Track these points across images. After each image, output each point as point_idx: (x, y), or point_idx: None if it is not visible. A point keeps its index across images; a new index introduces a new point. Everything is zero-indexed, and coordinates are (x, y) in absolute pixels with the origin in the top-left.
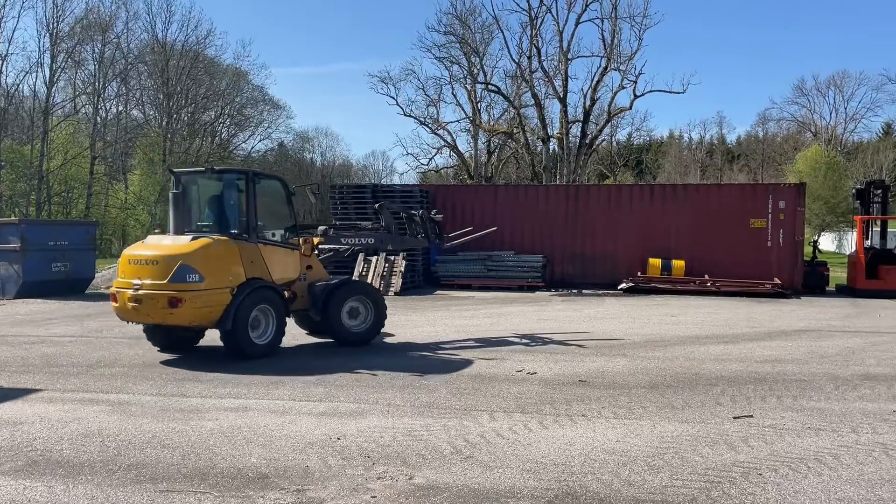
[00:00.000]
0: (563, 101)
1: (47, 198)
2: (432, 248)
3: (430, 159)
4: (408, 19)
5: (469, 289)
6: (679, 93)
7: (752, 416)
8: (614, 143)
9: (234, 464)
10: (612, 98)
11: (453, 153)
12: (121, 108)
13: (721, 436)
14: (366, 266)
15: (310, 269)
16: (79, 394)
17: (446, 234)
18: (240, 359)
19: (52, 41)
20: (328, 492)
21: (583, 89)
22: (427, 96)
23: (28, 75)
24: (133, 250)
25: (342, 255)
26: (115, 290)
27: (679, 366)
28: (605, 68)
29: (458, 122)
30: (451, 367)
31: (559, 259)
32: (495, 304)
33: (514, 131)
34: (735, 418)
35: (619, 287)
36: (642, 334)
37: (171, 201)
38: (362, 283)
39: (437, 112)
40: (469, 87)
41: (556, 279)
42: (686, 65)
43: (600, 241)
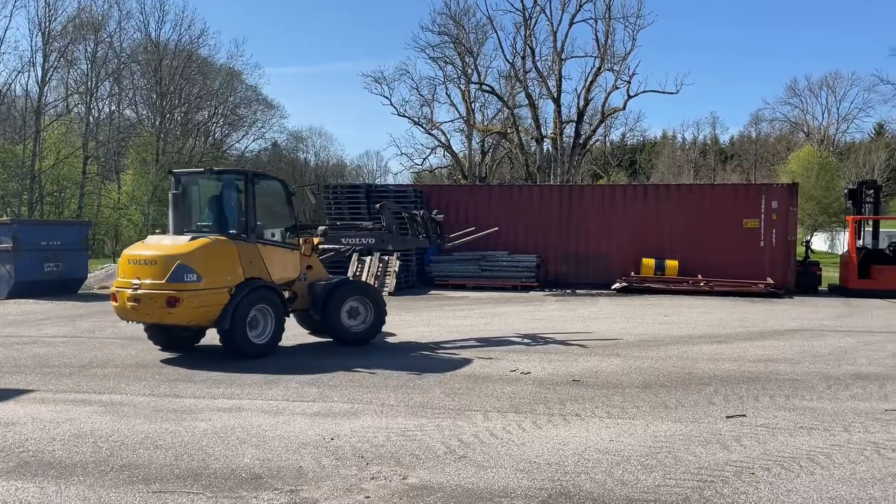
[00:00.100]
0: (556, 101)
1: (39, 198)
2: (433, 248)
3: (425, 159)
4: (402, 19)
5: (463, 289)
6: (672, 93)
7: (744, 416)
8: (608, 144)
9: (227, 464)
10: (606, 98)
11: (447, 153)
12: (113, 108)
13: (714, 435)
14: (360, 266)
15: (310, 269)
16: (71, 394)
17: (447, 235)
18: (238, 358)
19: (44, 40)
20: (322, 492)
21: (576, 89)
22: (421, 96)
23: (20, 74)
24: (133, 250)
25: (342, 255)
26: (115, 289)
27: (672, 365)
28: (599, 68)
29: (452, 122)
30: (446, 366)
31: (553, 259)
32: (489, 304)
33: (508, 131)
34: (728, 418)
35: (613, 287)
36: (636, 334)
37: (171, 202)
38: (362, 283)
39: (431, 112)
40: (463, 87)
41: (549, 279)
42: (679, 65)
43: (594, 241)
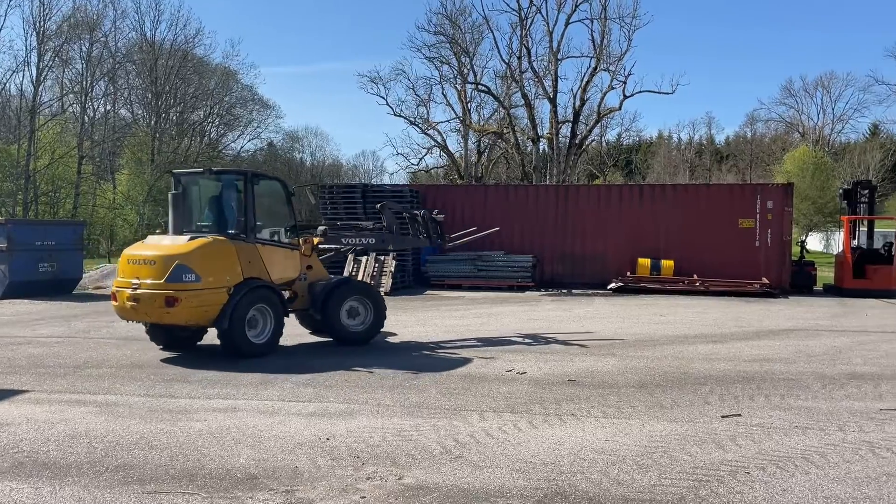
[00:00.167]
0: (552, 101)
1: (34, 197)
2: (429, 248)
3: (421, 159)
4: (398, 19)
5: (459, 289)
6: (668, 93)
7: (740, 415)
8: (604, 144)
9: (222, 465)
10: (602, 98)
11: (443, 153)
12: (109, 108)
13: (709, 435)
14: (356, 266)
15: (310, 269)
16: (66, 395)
17: (448, 235)
18: (237, 357)
19: (38, 40)
20: (317, 492)
21: (572, 90)
22: (417, 96)
23: (15, 74)
24: (133, 250)
25: (342, 255)
26: (115, 289)
27: (668, 365)
28: (595, 69)
29: (448, 122)
30: (442, 366)
31: (549, 259)
32: (485, 304)
33: (504, 131)
34: (723, 417)
35: (609, 287)
36: (631, 334)
37: (171, 202)
38: (362, 282)
39: (427, 112)
40: (459, 87)
41: (545, 279)
42: (675, 65)
43: (590, 241)
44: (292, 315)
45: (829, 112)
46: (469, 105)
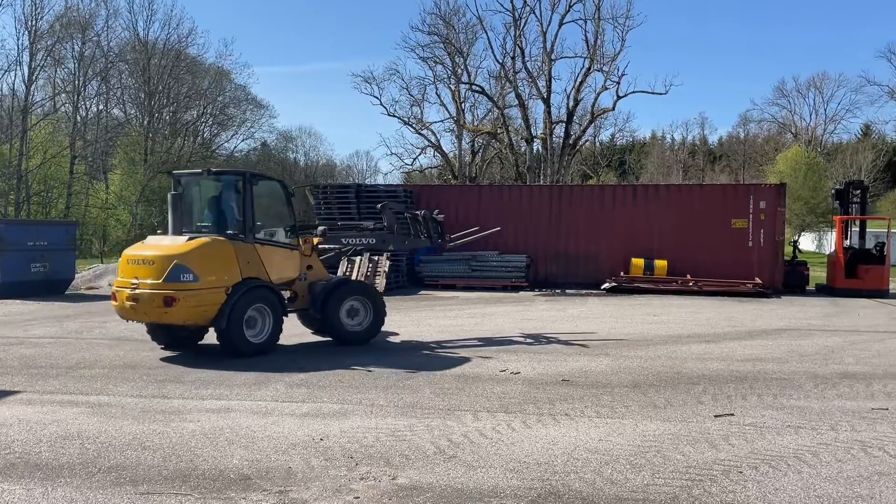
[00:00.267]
0: (546, 101)
1: (26, 197)
2: (435, 248)
3: (414, 159)
4: (391, 19)
5: (453, 289)
6: (661, 94)
7: (732, 415)
8: (597, 144)
9: (215, 465)
10: (596, 99)
11: (437, 153)
12: (101, 107)
13: (702, 434)
14: (349, 266)
15: (310, 269)
16: (58, 395)
17: (448, 235)
18: (236, 357)
19: (30, 39)
20: (311, 493)
21: (566, 90)
22: (411, 96)
23: (6, 73)
24: (132, 250)
25: (345, 255)
26: (115, 289)
27: (661, 365)
28: (589, 69)
29: (442, 122)
30: (435, 366)
31: (543, 259)
32: (479, 304)
33: (498, 131)
34: (716, 417)
35: (602, 287)
36: (625, 334)
37: (170, 203)
38: (361, 282)
39: (421, 112)
40: (453, 87)
41: (539, 279)
42: (668, 65)
43: (583, 241)
44: (294, 315)
45: (822, 112)
46: (463, 105)
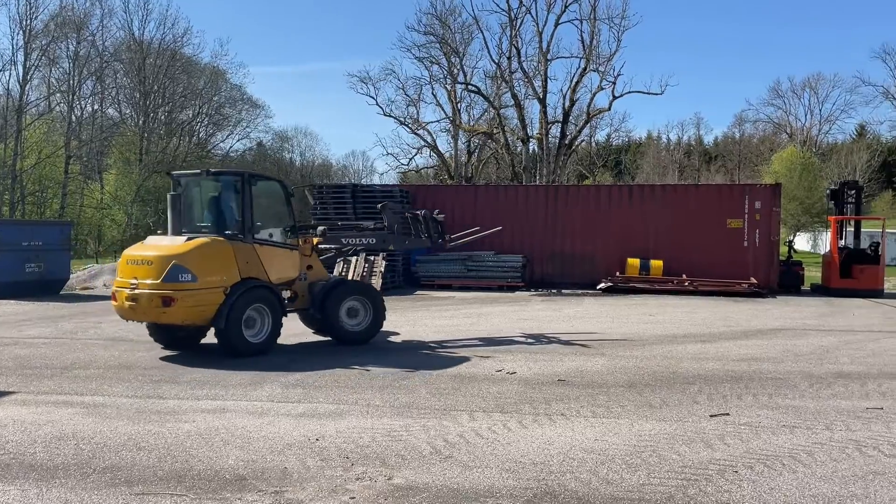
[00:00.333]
0: (542, 101)
1: (21, 197)
2: (436, 248)
3: (411, 159)
4: (388, 19)
5: (449, 289)
6: (657, 94)
7: (728, 415)
8: (593, 144)
9: (211, 466)
10: (591, 99)
11: (433, 153)
12: (96, 107)
13: (698, 434)
14: (345, 266)
15: (310, 269)
16: (53, 396)
17: (448, 234)
18: (235, 357)
19: (25, 38)
20: (307, 493)
21: (562, 90)
22: (407, 96)
23: (1, 73)
24: (132, 251)
25: (345, 255)
26: (115, 289)
27: (657, 365)
28: (584, 69)
29: (438, 122)
30: (431, 366)
31: (539, 259)
32: (475, 304)
33: (494, 132)
34: (712, 416)
35: (598, 287)
36: (621, 333)
37: (170, 203)
38: (361, 282)
39: (417, 112)
40: (449, 87)
41: (535, 279)
42: (664, 66)
43: (579, 241)
44: (296, 314)
45: (817, 113)
46: (459, 105)
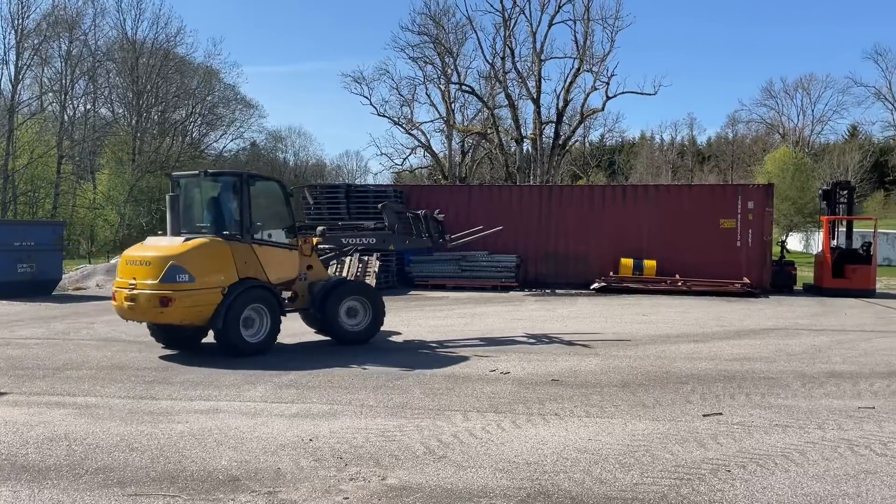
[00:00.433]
0: (536, 101)
1: (13, 197)
2: (436, 247)
3: (405, 159)
4: (381, 19)
5: (443, 289)
6: (650, 94)
7: (721, 414)
8: (587, 144)
9: (204, 466)
10: (585, 99)
11: (427, 153)
12: (89, 107)
13: (691, 433)
14: (339, 266)
15: (310, 269)
16: (45, 397)
17: (448, 234)
18: (233, 356)
19: (17, 37)
20: (300, 493)
21: (556, 90)
22: (401, 96)
23: None
24: (131, 251)
25: (345, 256)
26: (115, 289)
27: (650, 364)
28: (578, 69)
29: (432, 122)
30: (425, 366)
31: (533, 259)
32: (469, 304)
33: (488, 132)
34: (705, 416)
35: (592, 287)
36: (614, 333)
37: (168, 204)
38: (360, 282)
39: (411, 112)
40: (443, 87)
41: (529, 279)
42: (657, 66)
43: (573, 241)
44: (297, 314)
45: (809, 113)
46: (453, 105)
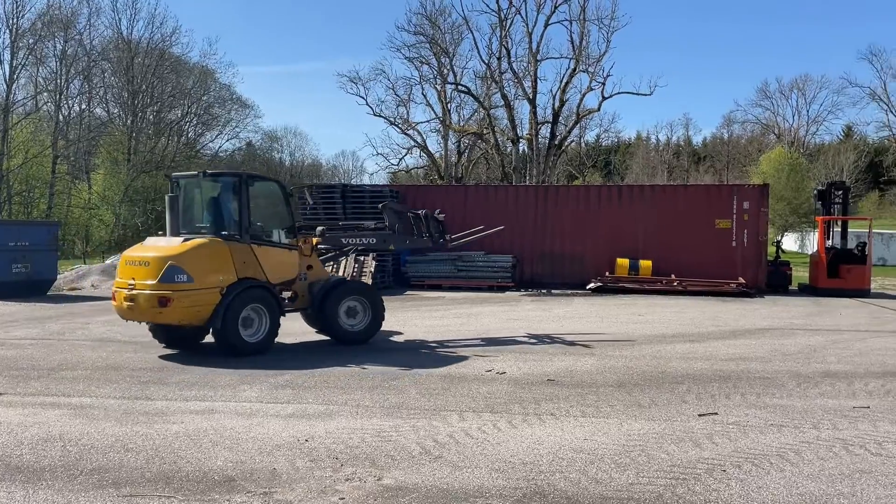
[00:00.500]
0: (532, 102)
1: (7, 197)
2: (436, 247)
3: (401, 159)
4: (377, 19)
5: (439, 289)
6: (646, 95)
7: (716, 414)
8: (583, 145)
9: (199, 467)
10: (581, 99)
11: (423, 153)
12: (84, 107)
13: (686, 433)
14: (335, 266)
15: (310, 269)
16: (40, 397)
17: (449, 234)
18: (233, 356)
19: (11, 37)
20: (296, 494)
21: (552, 91)
22: (397, 96)
23: None
24: (131, 252)
25: (344, 256)
26: (114, 289)
27: (646, 364)
28: (574, 70)
29: (428, 122)
30: (421, 366)
31: (529, 259)
32: (465, 304)
33: (484, 132)
34: (700, 416)
35: (588, 287)
36: (610, 333)
37: (168, 204)
38: (360, 282)
39: (407, 112)
40: (439, 87)
41: (525, 279)
42: (653, 67)
43: (569, 241)
44: (298, 314)
45: (804, 114)
46: (449, 105)
